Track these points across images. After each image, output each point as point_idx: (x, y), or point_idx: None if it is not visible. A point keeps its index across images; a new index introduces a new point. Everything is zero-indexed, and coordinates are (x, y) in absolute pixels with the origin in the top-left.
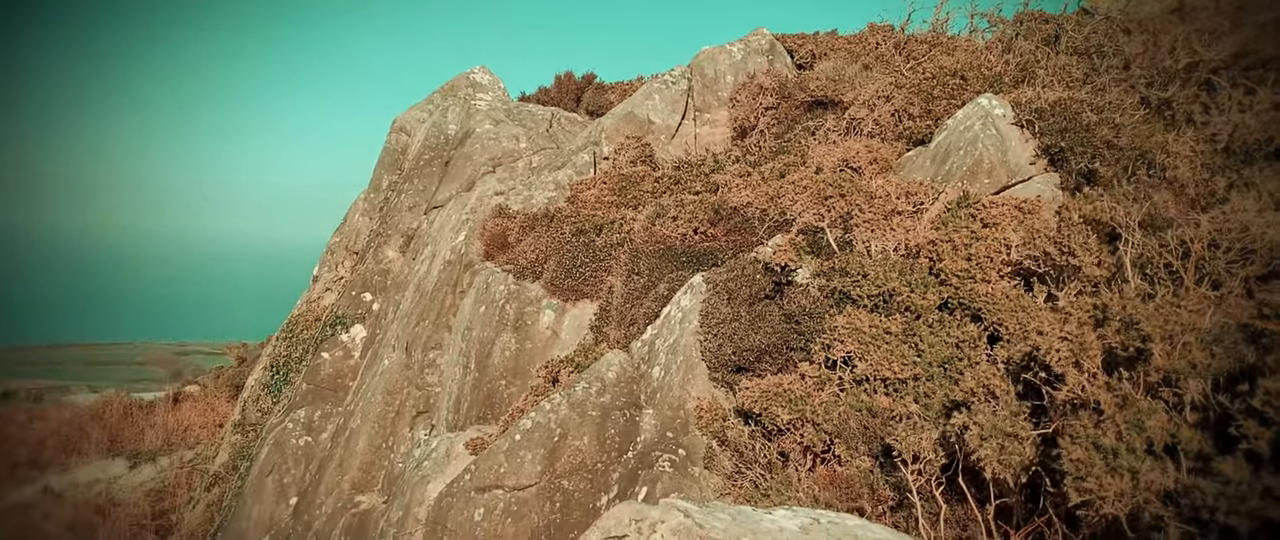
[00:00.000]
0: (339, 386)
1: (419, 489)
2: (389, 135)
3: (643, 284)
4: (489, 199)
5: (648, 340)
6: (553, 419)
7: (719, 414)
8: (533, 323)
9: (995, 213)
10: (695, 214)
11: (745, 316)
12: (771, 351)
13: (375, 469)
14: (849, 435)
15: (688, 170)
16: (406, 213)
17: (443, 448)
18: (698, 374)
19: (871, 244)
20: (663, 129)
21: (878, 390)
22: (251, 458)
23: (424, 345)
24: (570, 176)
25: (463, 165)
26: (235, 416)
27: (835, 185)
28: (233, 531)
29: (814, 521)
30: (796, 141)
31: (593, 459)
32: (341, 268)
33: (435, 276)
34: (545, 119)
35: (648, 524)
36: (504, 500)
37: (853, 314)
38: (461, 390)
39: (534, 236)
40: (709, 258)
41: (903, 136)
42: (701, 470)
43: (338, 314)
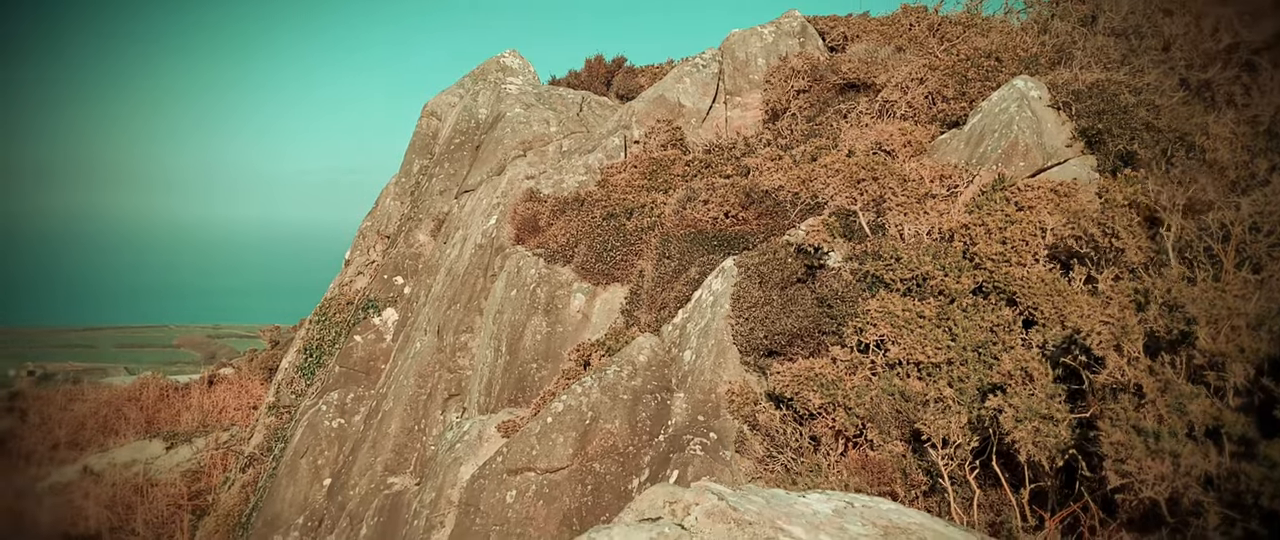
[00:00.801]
0: (371, 369)
1: (452, 471)
2: (420, 120)
3: (673, 268)
4: (519, 183)
5: (679, 324)
6: (584, 402)
7: (750, 398)
8: (563, 306)
9: (1031, 196)
10: (726, 197)
11: (777, 300)
12: (803, 335)
13: (407, 451)
14: (881, 419)
15: (718, 154)
16: (437, 197)
17: (475, 430)
18: (729, 358)
19: (904, 227)
20: (693, 113)
21: (911, 374)
22: (286, 439)
23: (455, 328)
24: (601, 160)
25: (493, 149)
26: (269, 399)
27: (868, 168)
28: (268, 511)
29: (848, 505)
30: (828, 124)
31: (624, 442)
32: (373, 252)
33: (466, 260)
34: (575, 103)
35: (681, 506)
36: (536, 483)
37: (886, 298)
38: (493, 373)
39: (564, 220)
40: (740, 241)
41: (936, 119)
42: (733, 454)
43: (370, 297)
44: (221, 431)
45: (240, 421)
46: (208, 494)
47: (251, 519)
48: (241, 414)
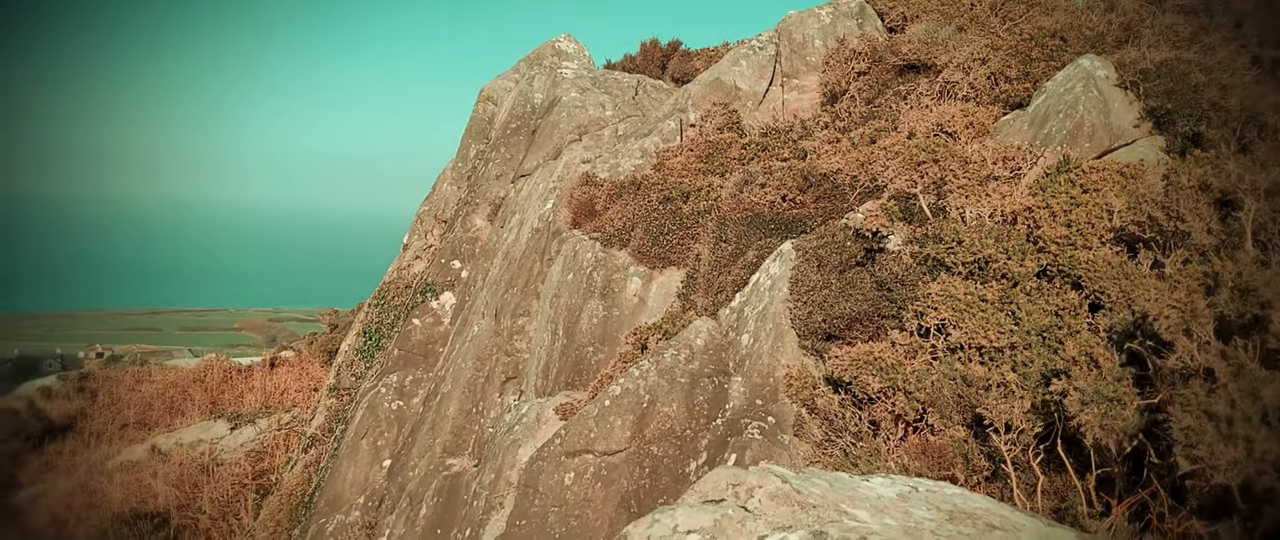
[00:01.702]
0: (429, 352)
1: (510, 453)
2: (476, 105)
3: (730, 251)
4: (576, 167)
5: (736, 307)
6: (641, 385)
7: (808, 382)
8: (620, 290)
9: (1096, 177)
10: (783, 181)
11: (836, 284)
12: (862, 319)
13: (465, 433)
14: (942, 404)
15: (775, 137)
16: (494, 181)
17: (533, 413)
18: (787, 341)
19: (966, 210)
20: (750, 95)
21: (973, 359)
22: (346, 421)
23: (513, 312)
24: (656, 144)
25: (549, 133)
26: (330, 381)
27: (928, 150)
28: (330, 491)
29: (912, 489)
30: (888, 107)
31: (681, 425)
32: (431, 236)
33: (523, 244)
34: (631, 86)
35: (745, 488)
36: (594, 465)
37: (947, 281)
38: (550, 357)
39: (621, 204)
40: (798, 225)
41: (999, 100)
42: (791, 438)
43: (428, 281)
44: (283, 413)
45: (301, 403)
46: (271, 473)
47: (314, 498)
48: (302, 396)
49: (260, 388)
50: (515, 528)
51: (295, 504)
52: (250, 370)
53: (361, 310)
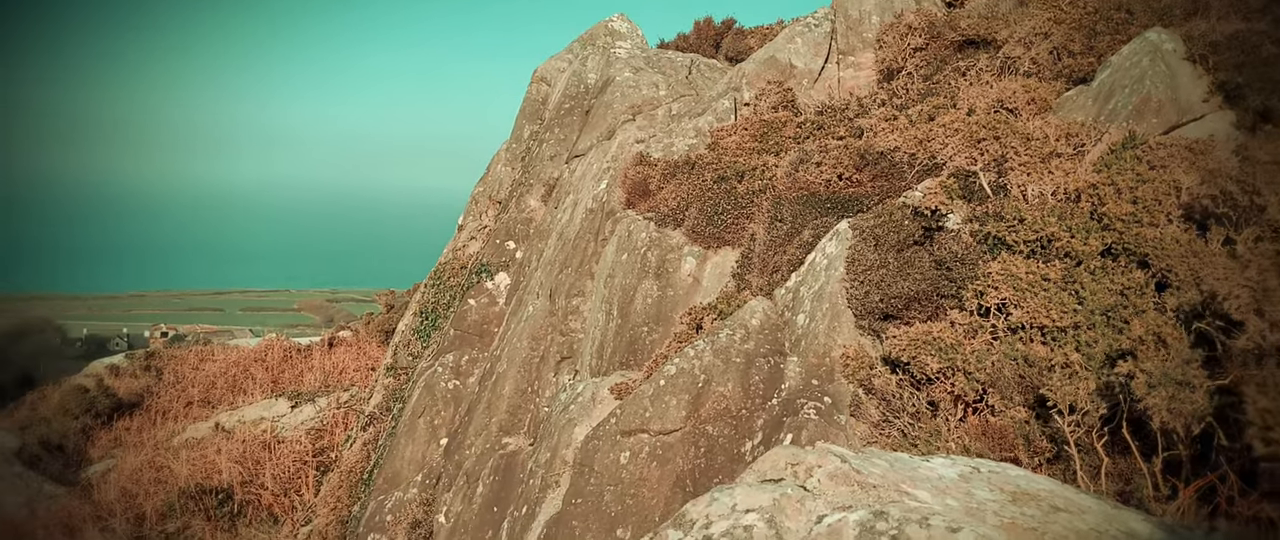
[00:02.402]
0: (485, 332)
1: (566, 432)
2: (530, 86)
3: (786, 231)
4: (629, 147)
5: (792, 287)
6: (697, 365)
7: (865, 362)
8: (674, 270)
9: (1164, 154)
10: (840, 159)
11: (893, 263)
12: (920, 299)
13: (521, 412)
14: (1003, 385)
15: (831, 115)
16: (547, 162)
17: (588, 392)
18: (843, 321)
19: (1028, 187)
20: (805, 73)
21: (1034, 339)
22: (403, 400)
23: (567, 292)
24: (711, 123)
25: (603, 114)
26: (387, 360)
27: (988, 127)
28: (388, 469)
29: (974, 470)
30: (946, 83)
31: (737, 405)
32: (485, 217)
33: (577, 224)
34: (684, 66)
35: (804, 468)
36: (649, 444)
37: (1008, 260)
38: (604, 336)
39: (675, 184)
40: (854, 203)
41: (1061, 75)
42: (847, 418)
43: (482, 262)
44: (342, 391)
45: (359, 382)
46: (331, 451)
47: (372, 476)
48: (360, 375)
49: (319, 367)
50: (571, 506)
51: (354, 481)
52: (309, 350)
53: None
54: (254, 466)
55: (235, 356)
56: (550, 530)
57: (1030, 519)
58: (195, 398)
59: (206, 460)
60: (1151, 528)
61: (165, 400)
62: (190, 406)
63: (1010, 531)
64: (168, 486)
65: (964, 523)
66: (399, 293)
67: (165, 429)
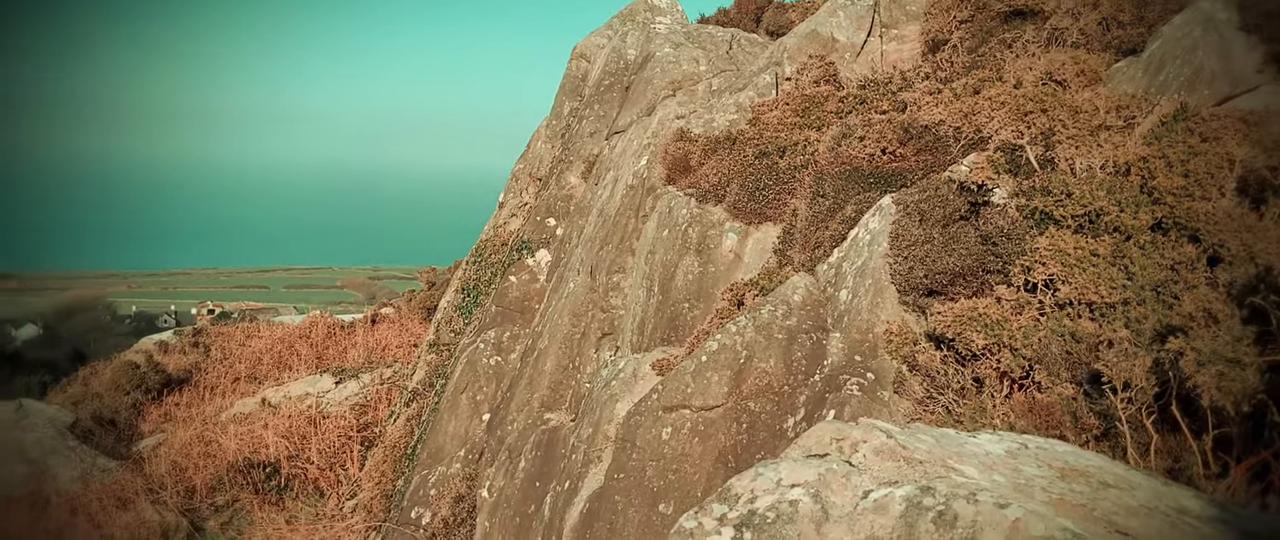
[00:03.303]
0: (526, 309)
1: (608, 408)
2: (569, 62)
3: (828, 206)
4: (670, 123)
5: (834, 263)
6: (738, 341)
7: (909, 338)
8: (715, 246)
9: (1217, 126)
10: (883, 133)
11: (938, 238)
12: (966, 274)
13: (562, 388)
14: (1050, 361)
15: (874, 89)
16: (588, 139)
17: (629, 368)
18: (887, 297)
19: (1076, 161)
20: (847, 47)
21: (1082, 315)
22: (446, 376)
23: (608, 269)
24: (751, 98)
25: (643, 90)
26: (429, 337)
27: (1036, 100)
28: (432, 444)
29: (1021, 446)
30: (992, 55)
31: (779, 382)
32: (526, 194)
33: (618, 201)
34: (725, 41)
35: (849, 443)
36: (691, 420)
37: (1055, 235)
38: (645, 313)
39: (716, 160)
40: (898, 178)
41: (1110, 46)
42: (891, 395)
43: (523, 239)
44: (385, 368)
45: (402, 358)
46: (374, 426)
47: (416, 451)
48: (403, 351)
49: (362, 343)
50: (613, 481)
51: (398, 456)
52: (352, 327)
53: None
54: (300, 441)
55: (280, 333)
56: (593, 505)
57: (1079, 495)
58: (242, 374)
59: (254, 435)
60: (1202, 504)
61: (213, 376)
62: (237, 382)
63: (1059, 507)
64: (217, 460)
65: (1012, 498)
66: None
67: (213, 404)
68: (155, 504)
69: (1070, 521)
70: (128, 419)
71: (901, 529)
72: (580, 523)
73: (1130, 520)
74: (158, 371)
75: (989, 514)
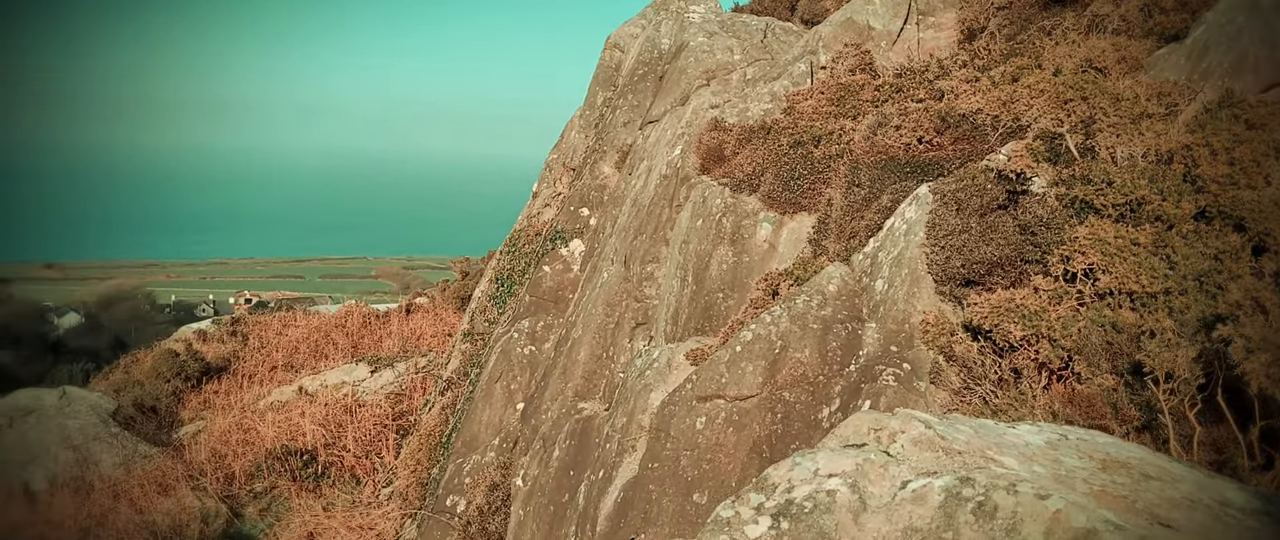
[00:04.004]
0: (559, 299)
1: (642, 397)
2: (603, 52)
3: (863, 196)
4: (704, 112)
5: (870, 253)
6: (773, 331)
7: (946, 328)
8: (750, 236)
9: (1263, 112)
10: (919, 122)
11: (975, 228)
12: (1003, 264)
13: (596, 378)
14: (1090, 352)
15: (910, 77)
16: (621, 129)
17: (664, 358)
18: (923, 287)
19: (1117, 149)
20: (883, 35)
21: (1123, 305)
22: (480, 365)
23: (642, 259)
24: (786, 87)
25: (677, 79)
26: (464, 326)
27: (1076, 87)
28: (466, 432)
29: (1062, 437)
30: (1031, 43)
31: (814, 372)
32: (559, 184)
33: (651, 191)
34: (759, 30)
35: (887, 433)
36: (725, 410)
37: (1095, 224)
38: (679, 303)
39: (750, 149)
40: (935, 167)
41: (1152, 33)
42: (927, 385)
43: (557, 229)
44: (420, 357)
45: (437, 348)
46: (410, 415)
47: (451, 439)
48: (437, 341)
49: (397, 333)
50: (648, 470)
51: (433, 444)
52: (387, 316)
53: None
54: (336, 429)
55: (316, 322)
56: (627, 494)
57: (1121, 487)
58: (279, 362)
59: (291, 423)
60: (1247, 497)
61: (251, 364)
62: (274, 371)
63: (1101, 499)
64: (255, 447)
65: (1053, 490)
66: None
67: (251, 392)
68: (195, 490)
69: (1112, 513)
70: (168, 406)
71: (940, 520)
72: (615, 511)
73: (1173, 513)
74: (197, 360)
75: (1029, 505)
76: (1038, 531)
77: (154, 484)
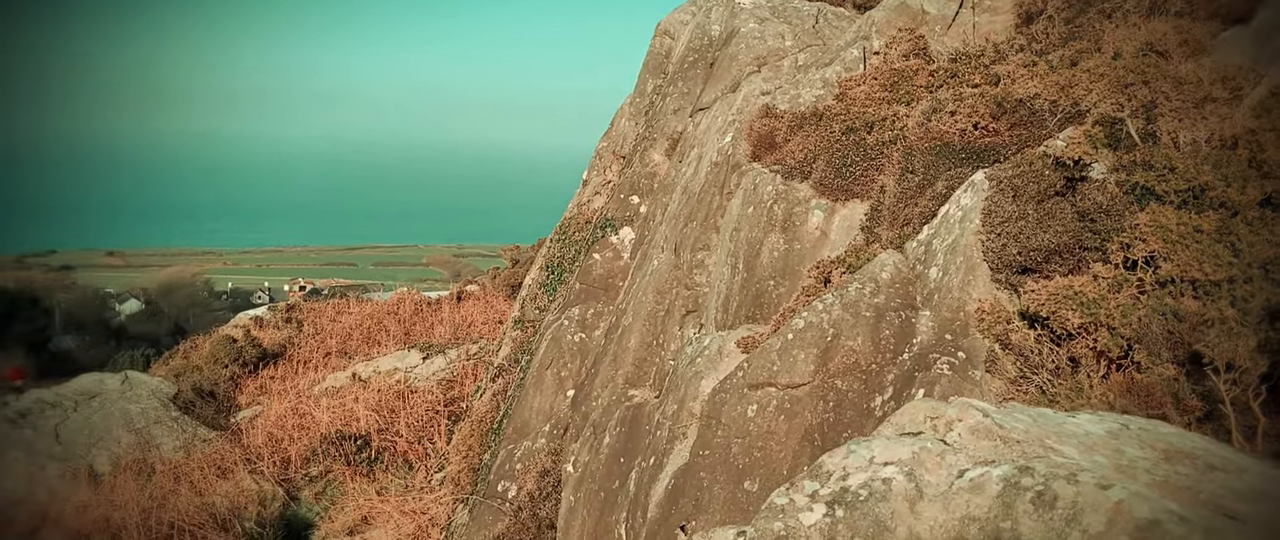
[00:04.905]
0: (609, 286)
1: (693, 385)
2: (653, 39)
3: (917, 182)
4: (755, 99)
5: (923, 240)
6: (825, 319)
7: (1001, 316)
8: (801, 223)
9: None
10: (975, 108)
11: (1032, 214)
12: (1061, 251)
13: (646, 365)
14: (1150, 340)
15: (965, 62)
16: (671, 116)
17: (714, 346)
18: (978, 275)
19: (1179, 134)
20: (938, 19)
21: (1185, 293)
22: (531, 352)
23: (692, 246)
24: (838, 73)
25: (727, 66)
26: (515, 313)
27: (1137, 71)
28: (517, 419)
29: (1122, 427)
30: (1090, 26)
31: (866, 360)
32: (609, 171)
33: (702, 178)
34: (811, 15)
35: (944, 421)
36: (776, 398)
37: (1157, 211)
38: (730, 290)
39: (802, 136)
40: (991, 153)
41: (1217, 15)
42: (982, 374)
43: (607, 216)
44: (471, 344)
45: (487, 334)
46: (461, 401)
47: (502, 425)
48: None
49: (448, 320)
50: (699, 457)
51: (485, 430)
52: (439, 303)
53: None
54: (389, 415)
55: (369, 309)
56: (678, 481)
57: (1184, 478)
58: (333, 348)
59: (345, 408)
60: None
61: (306, 351)
62: (329, 357)
63: (1164, 490)
64: (310, 432)
65: (1115, 480)
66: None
67: (306, 378)
68: (253, 473)
69: (1176, 504)
70: (226, 391)
71: (998, 509)
72: (666, 498)
73: (1238, 504)
74: (254, 345)
75: (1090, 495)
76: (1099, 522)
77: (213, 467)
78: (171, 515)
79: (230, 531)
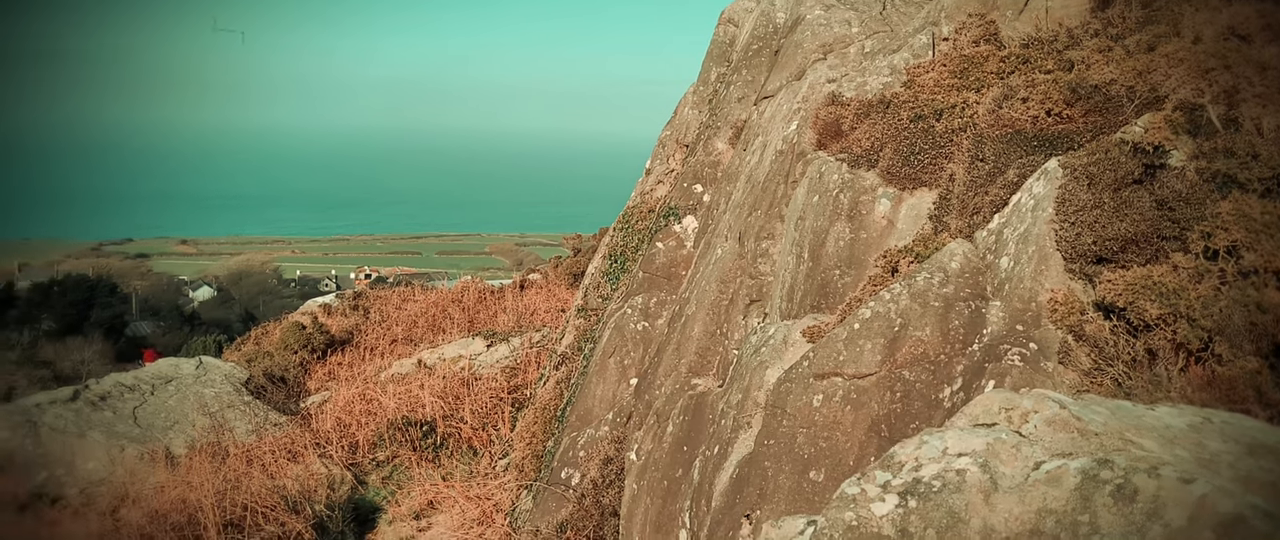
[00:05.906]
0: (672, 275)
1: (758, 374)
2: (717, 27)
3: (988, 170)
4: (820, 87)
5: (994, 229)
6: (892, 309)
7: (1075, 307)
8: (867, 212)
9: None
10: (1048, 94)
11: (1108, 203)
12: (1138, 241)
13: (710, 354)
14: (1232, 332)
15: (1038, 48)
16: (735, 104)
17: (779, 335)
18: (1051, 265)
19: (1263, 121)
20: (1009, 4)
21: (1269, 284)
22: (594, 340)
23: (756, 235)
24: (906, 60)
25: (792, 53)
26: (578, 302)
27: (1218, 56)
28: (581, 406)
29: (1205, 420)
30: (1169, 9)
31: (935, 350)
32: (672, 160)
33: (766, 167)
34: (878, 1)
35: (1019, 413)
36: (842, 388)
37: (1239, 199)
38: (794, 280)
39: (868, 124)
40: (1064, 141)
41: None
42: (1055, 366)
43: (670, 205)
44: (534, 332)
45: (550, 323)
46: (525, 388)
47: (565, 413)
48: (551, 316)
49: (512, 308)
50: (763, 447)
51: (548, 417)
52: (502, 292)
53: (605, 235)
54: (454, 401)
55: (434, 297)
56: (743, 470)
57: (1270, 473)
58: (399, 336)
59: (411, 394)
60: None
61: (372, 338)
62: (395, 344)
63: (1248, 485)
64: (377, 418)
65: (1197, 474)
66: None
67: (373, 364)
68: (322, 458)
69: (1261, 499)
70: (296, 377)
71: (1076, 502)
72: (730, 487)
73: None
74: (322, 332)
75: (1172, 489)
76: (1182, 516)
77: (284, 451)
78: (244, 497)
79: (301, 514)
